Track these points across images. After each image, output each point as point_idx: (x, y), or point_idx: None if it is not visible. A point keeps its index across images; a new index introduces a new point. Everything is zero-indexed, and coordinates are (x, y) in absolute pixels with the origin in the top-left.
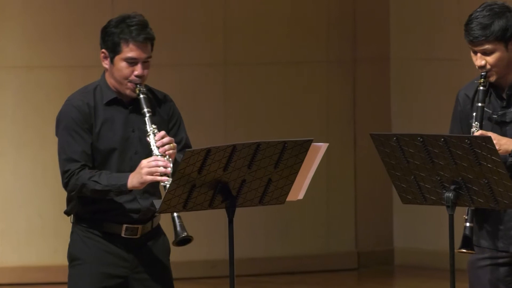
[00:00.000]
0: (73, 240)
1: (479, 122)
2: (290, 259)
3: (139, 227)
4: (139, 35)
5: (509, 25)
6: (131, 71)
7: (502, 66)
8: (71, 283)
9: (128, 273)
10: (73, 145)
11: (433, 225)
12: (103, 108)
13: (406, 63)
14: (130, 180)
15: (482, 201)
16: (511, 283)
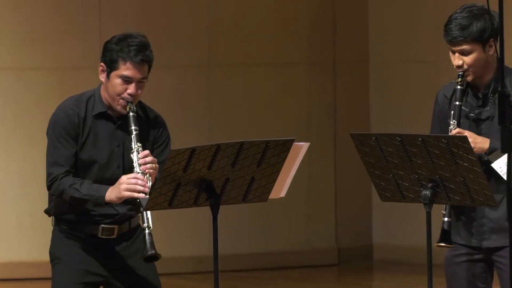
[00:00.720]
0: (53, 240)
1: (457, 120)
2: (272, 255)
3: (116, 227)
4: (137, 56)
5: (487, 27)
6: (124, 89)
7: (479, 67)
8: (54, 281)
9: (107, 273)
10: (60, 150)
11: (411, 222)
12: (91, 120)
13: (385, 65)
14: (109, 194)
15: (458, 199)
16: (487, 279)
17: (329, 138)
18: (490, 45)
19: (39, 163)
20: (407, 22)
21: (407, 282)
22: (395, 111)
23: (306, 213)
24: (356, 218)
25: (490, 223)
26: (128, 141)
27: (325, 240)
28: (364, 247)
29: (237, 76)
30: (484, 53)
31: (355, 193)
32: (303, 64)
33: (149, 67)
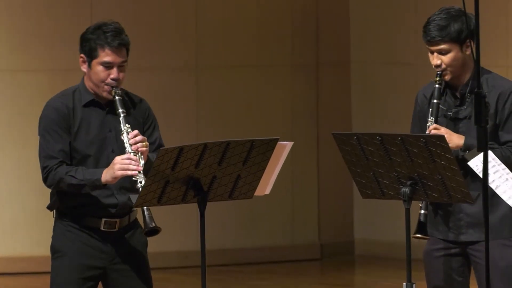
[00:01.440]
0: (55, 234)
1: (434, 117)
2: (257, 250)
3: (117, 220)
4: (114, 41)
5: (464, 28)
6: (107, 75)
7: (457, 66)
8: (53, 274)
9: (107, 264)
10: (52, 144)
11: (391, 218)
12: (81, 110)
13: (366, 66)
14: (104, 175)
15: (436, 196)
16: (464, 273)
17: (312, 137)
18: (467, 46)
19: (32, 161)
20: (387, 25)
21: (387, 276)
22: (376, 111)
23: (290, 209)
24: (338, 215)
25: (467, 218)
26: (119, 125)
27: (308, 235)
28: (346, 242)
29: (224, 77)
30: (462, 53)
31: (337, 191)
32: (287, 66)
33: (127, 50)
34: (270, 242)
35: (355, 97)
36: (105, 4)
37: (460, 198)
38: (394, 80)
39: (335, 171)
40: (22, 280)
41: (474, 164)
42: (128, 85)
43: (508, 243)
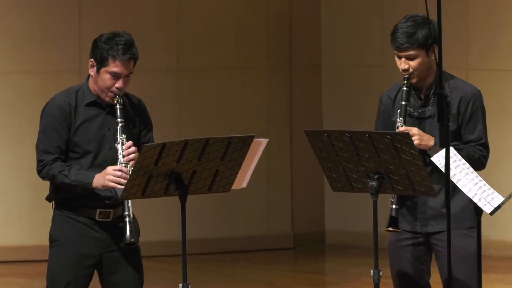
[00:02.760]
0: (54, 223)
1: (403, 118)
2: (234, 239)
3: (111, 211)
4: (124, 54)
5: (429, 34)
6: (113, 83)
7: (423, 70)
8: (51, 262)
9: (102, 251)
10: (50, 140)
11: (359, 210)
12: (83, 108)
13: (336, 69)
14: (95, 181)
15: (401, 189)
16: (426, 261)
17: (285, 134)
18: (432, 51)
19: (25, 158)
20: (356, 30)
21: (355, 264)
22: (345, 110)
23: (265, 202)
24: (310, 206)
25: (431, 210)
26: (117, 126)
27: (282, 226)
28: (317, 232)
29: (204, 79)
30: (427, 58)
31: (309, 184)
32: (262, 68)
33: (134, 63)
34: (246, 232)
35: (325, 97)
36: (92, 9)
37: (424, 191)
38: (362, 81)
39: (307, 166)
40: (15, 268)
41: (436, 159)
42: None
43: (468, 232)
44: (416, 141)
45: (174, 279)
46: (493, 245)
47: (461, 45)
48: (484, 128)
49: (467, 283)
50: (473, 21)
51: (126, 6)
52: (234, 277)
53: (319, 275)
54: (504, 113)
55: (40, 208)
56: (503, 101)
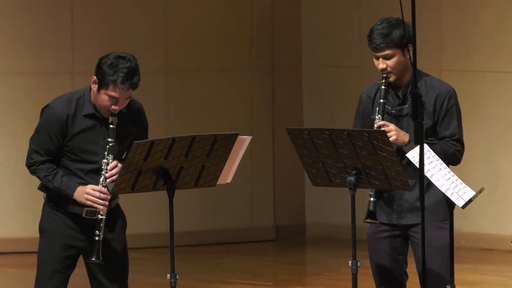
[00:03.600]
0: (43, 215)
1: (381, 115)
2: (219, 232)
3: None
4: (124, 84)
5: (404, 34)
6: (110, 104)
7: (400, 69)
8: (40, 251)
9: (87, 246)
10: (42, 143)
11: (338, 203)
12: (81, 118)
13: (316, 69)
14: (76, 194)
15: (378, 184)
16: (403, 252)
17: (268, 132)
18: (407, 50)
19: (20, 156)
20: (334, 33)
21: (335, 255)
22: (325, 109)
23: (248, 196)
24: (291, 200)
25: (407, 204)
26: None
27: (265, 219)
28: (298, 225)
29: (190, 79)
30: (404, 57)
31: (291, 179)
32: (246, 69)
33: (134, 89)
34: (230, 225)
35: (306, 96)
36: (84, 13)
37: (399, 185)
38: (341, 81)
39: (289, 162)
40: (11, 259)
41: (411, 155)
42: None
43: (442, 225)
44: (393, 136)
45: (162, 269)
46: (465, 237)
47: (434, 46)
48: (458, 124)
49: (440, 272)
50: (446, 24)
51: (116, 10)
52: (219, 268)
53: (300, 265)
54: (476, 112)
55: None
56: (475, 101)
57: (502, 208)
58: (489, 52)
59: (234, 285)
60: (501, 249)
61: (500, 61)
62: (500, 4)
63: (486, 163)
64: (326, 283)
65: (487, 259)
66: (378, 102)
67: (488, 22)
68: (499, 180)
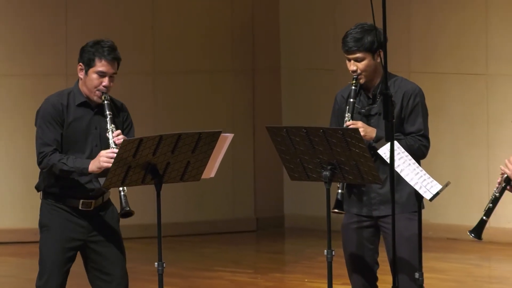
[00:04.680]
0: (42, 211)
1: (351, 113)
2: (204, 223)
3: (93, 201)
4: (109, 55)
5: (375, 39)
6: (100, 82)
7: (370, 71)
8: (42, 245)
9: (85, 236)
10: (48, 133)
11: (315, 196)
12: (74, 108)
13: (293, 72)
14: (91, 166)
15: (351, 178)
16: (374, 241)
17: (249, 130)
18: (377, 55)
19: (18, 152)
20: (311, 38)
21: (311, 245)
22: (302, 108)
23: (231, 189)
24: (271, 194)
25: (378, 196)
26: (103, 125)
27: (246, 211)
28: (277, 217)
29: (177, 81)
30: (374, 61)
31: (270, 174)
32: (228, 72)
33: (118, 64)
34: (214, 217)
35: (284, 97)
36: (77, 18)
37: (371, 180)
38: (317, 83)
39: (268, 158)
40: (10, 249)
41: (382, 152)
42: None
43: (412, 216)
44: (362, 133)
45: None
46: (432, 228)
47: (403, 50)
48: (424, 121)
49: (410, 260)
50: (415, 29)
51: (107, 16)
52: (203, 256)
53: (279, 254)
54: (442, 111)
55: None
56: (441, 101)
57: (467, 200)
58: (454, 55)
59: (217, 273)
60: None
61: (465, 63)
62: (465, 12)
63: (451, 158)
64: (303, 271)
65: (453, 248)
66: (349, 101)
67: (453, 28)
68: (463, 174)
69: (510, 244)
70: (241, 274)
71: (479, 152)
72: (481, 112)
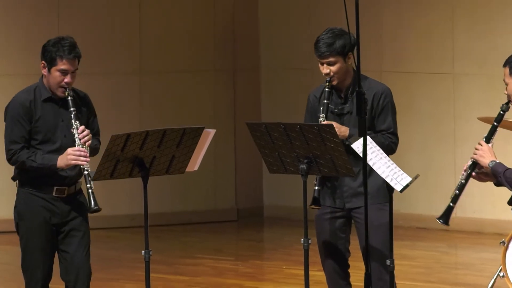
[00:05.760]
0: (18, 199)
1: (325, 113)
2: (188, 213)
3: (66, 188)
4: (70, 54)
5: (346, 43)
6: (62, 79)
7: (342, 73)
8: (21, 232)
9: (58, 221)
10: (16, 131)
11: (292, 188)
12: (41, 103)
13: (272, 71)
14: (59, 162)
15: (326, 171)
16: (346, 231)
17: (230, 126)
18: (348, 57)
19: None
20: (288, 39)
21: (289, 233)
22: (280, 106)
23: (213, 182)
24: (251, 186)
25: (351, 189)
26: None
27: (227, 202)
28: (257, 207)
29: (162, 80)
30: (345, 63)
31: (250, 167)
32: (211, 71)
33: (78, 61)
34: (197, 207)
35: (263, 95)
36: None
37: (345, 172)
38: (294, 82)
39: (248, 152)
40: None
41: (356, 146)
42: (84, 87)
43: (382, 207)
44: None
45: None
46: (402, 217)
47: (375, 51)
48: (393, 119)
49: (381, 248)
50: (385, 31)
51: (96, 19)
52: (187, 245)
53: (258, 243)
54: (412, 109)
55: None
56: (411, 99)
57: (435, 192)
58: (422, 56)
59: (200, 260)
60: (434, 228)
61: (432, 63)
62: (432, 15)
63: (420, 153)
64: (281, 258)
65: (422, 236)
66: (322, 102)
67: (421, 31)
68: (432, 168)
69: (475, 232)
70: (223, 261)
71: (446, 147)
72: (448, 109)
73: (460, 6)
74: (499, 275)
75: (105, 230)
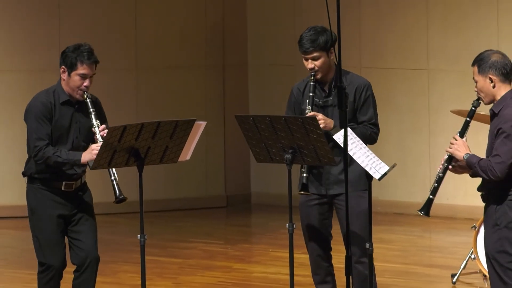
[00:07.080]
0: (29, 195)
1: (311, 106)
2: (180, 200)
3: (74, 183)
4: (89, 59)
5: (328, 39)
6: (81, 83)
7: (325, 68)
8: (33, 224)
9: (68, 213)
10: (41, 129)
11: (278, 176)
12: (59, 106)
13: (259, 67)
14: (83, 157)
15: (310, 160)
16: (329, 217)
17: (220, 118)
18: (331, 52)
19: (16, 139)
20: (274, 36)
21: (275, 219)
22: (267, 100)
23: (204, 170)
24: (239, 174)
25: (333, 177)
26: (83, 120)
27: (217, 189)
28: (245, 194)
29: (157, 75)
30: (328, 58)
31: (238, 156)
32: (202, 68)
33: (95, 66)
34: (189, 194)
35: (251, 89)
36: (69, 19)
37: (327, 162)
38: (279, 77)
39: (237, 143)
40: (9, 223)
41: (337, 137)
42: None
43: (362, 194)
44: (322, 124)
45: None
46: (381, 204)
47: (355, 47)
48: (374, 111)
49: (361, 233)
50: (365, 28)
51: (95, 18)
52: (180, 230)
53: (246, 227)
54: (390, 103)
55: None
56: (389, 94)
57: (411, 180)
58: (400, 52)
59: (192, 244)
60: (410, 213)
61: (409, 60)
62: (408, 15)
63: (398, 143)
64: (268, 242)
65: (399, 221)
66: (307, 95)
67: (399, 28)
68: (408, 157)
69: (449, 218)
70: (213, 244)
71: (421, 138)
72: (423, 103)
73: (433, 7)
74: (470, 257)
75: (103, 216)
